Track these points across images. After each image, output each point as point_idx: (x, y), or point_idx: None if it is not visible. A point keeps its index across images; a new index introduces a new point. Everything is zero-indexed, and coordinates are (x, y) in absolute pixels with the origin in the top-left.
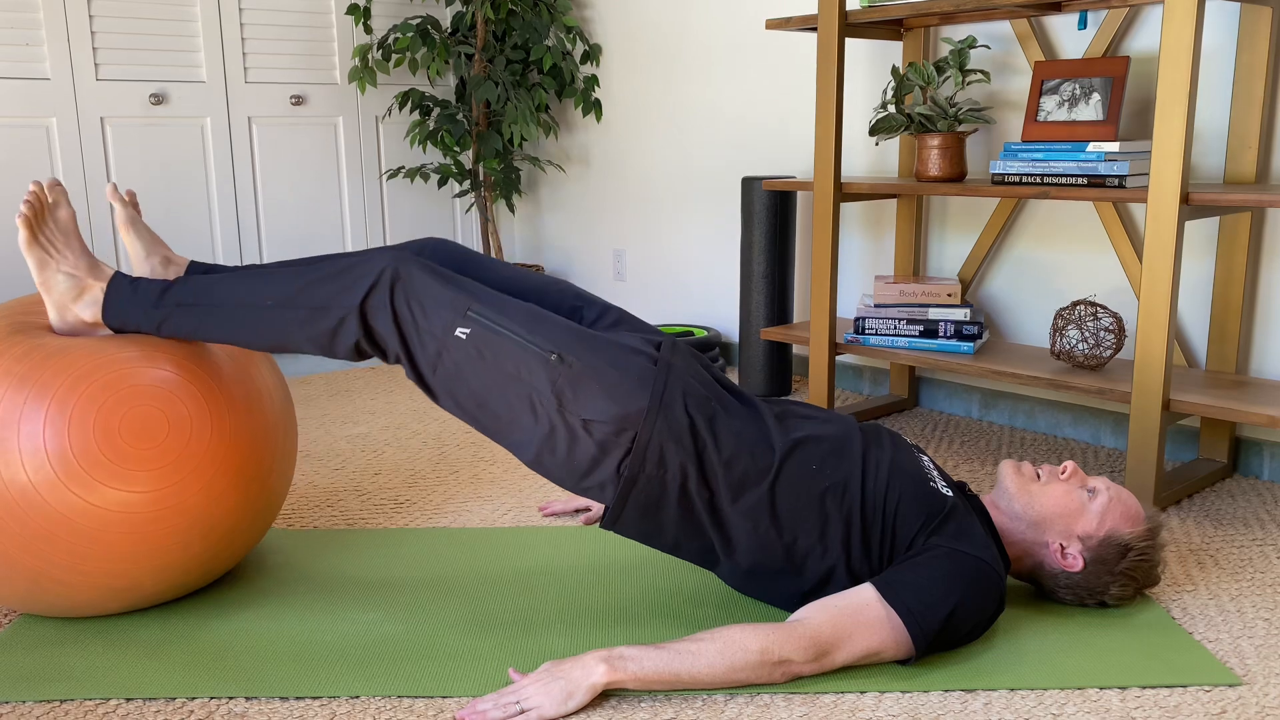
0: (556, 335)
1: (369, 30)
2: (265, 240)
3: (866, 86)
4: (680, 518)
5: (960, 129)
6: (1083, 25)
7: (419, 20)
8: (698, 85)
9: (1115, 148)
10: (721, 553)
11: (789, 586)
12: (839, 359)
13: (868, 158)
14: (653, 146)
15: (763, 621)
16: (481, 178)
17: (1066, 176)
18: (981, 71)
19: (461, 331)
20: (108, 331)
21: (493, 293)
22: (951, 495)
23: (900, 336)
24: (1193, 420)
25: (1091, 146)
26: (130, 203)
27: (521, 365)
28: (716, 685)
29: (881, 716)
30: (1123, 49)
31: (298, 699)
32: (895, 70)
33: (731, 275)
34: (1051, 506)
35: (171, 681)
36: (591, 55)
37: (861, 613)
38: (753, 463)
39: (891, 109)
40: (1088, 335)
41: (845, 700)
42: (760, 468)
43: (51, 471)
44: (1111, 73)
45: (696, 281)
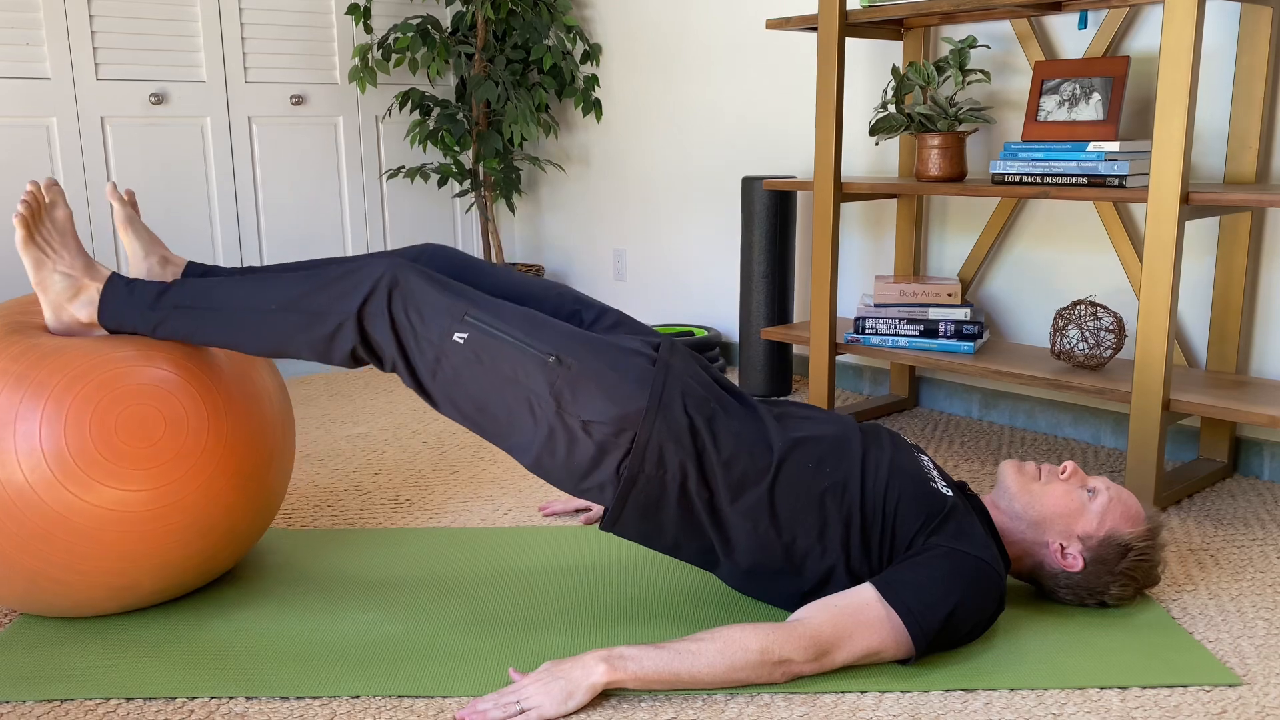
0: (554, 338)
1: (369, 30)
2: (265, 240)
3: (866, 86)
4: (680, 518)
5: (960, 129)
6: (1083, 25)
7: (419, 20)
8: (698, 85)
9: (1115, 147)
10: (721, 553)
11: (789, 586)
12: (839, 359)
13: (868, 158)
14: (653, 146)
15: (763, 621)
16: (481, 177)
17: (1066, 176)
18: (982, 71)
19: (459, 336)
20: (103, 332)
21: (489, 298)
22: (951, 495)
23: (900, 336)
24: (1193, 420)
25: (1092, 146)
26: (129, 202)
27: (519, 368)
28: (716, 685)
29: (882, 716)
30: (1123, 49)
31: (298, 699)
32: (895, 70)
33: (732, 275)
34: (1052, 506)
35: (172, 681)
36: (591, 55)
37: (861, 612)
38: (752, 463)
39: (891, 109)
40: (1088, 335)
41: (845, 700)
42: (759, 468)
43: (48, 471)
44: (1112, 72)
45: (697, 281)
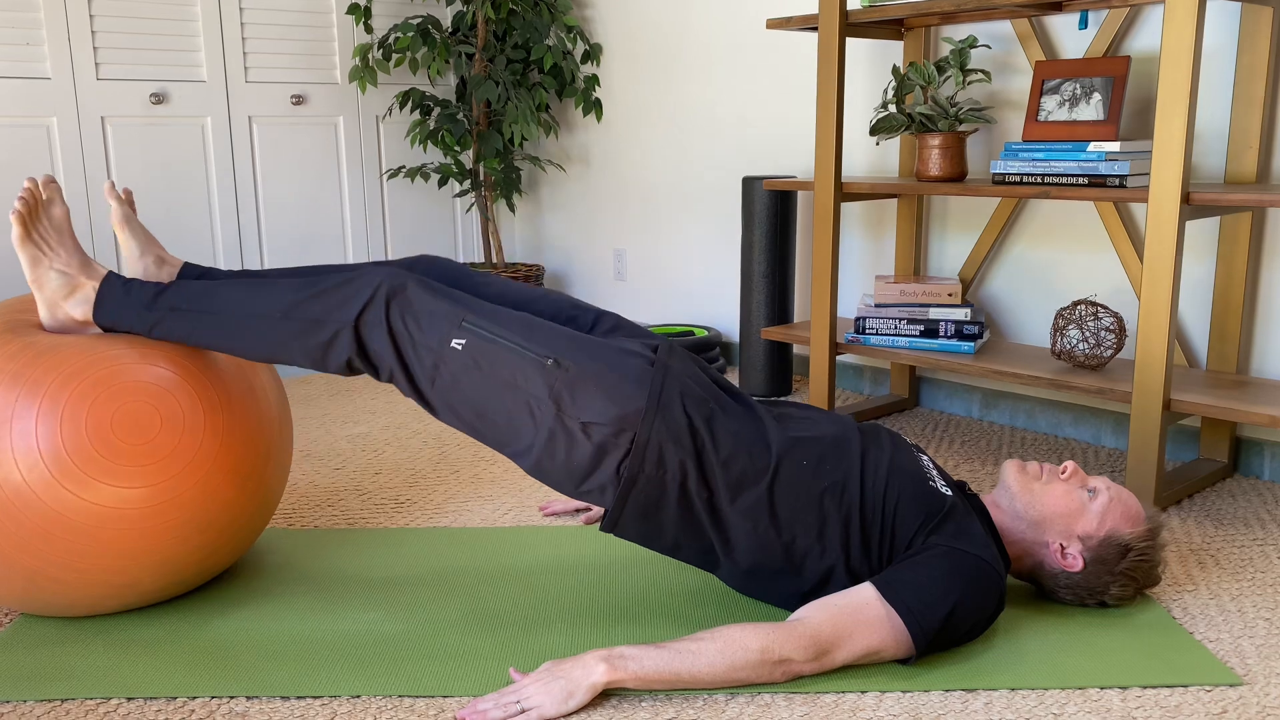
0: (552, 341)
1: (369, 30)
2: (265, 240)
3: (867, 86)
4: (679, 518)
5: (961, 129)
6: (1083, 25)
7: (419, 20)
8: (698, 85)
9: (1116, 147)
10: (721, 553)
11: (788, 586)
12: (839, 359)
13: (868, 157)
14: (653, 146)
15: (763, 621)
16: (482, 177)
17: (1067, 176)
18: (982, 71)
19: (457, 343)
20: (98, 330)
21: (486, 304)
22: (951, 494)
23: (901, 336)
24: (1193, 420)
25: (1092, 146)
26: (126, 201)
27: (518, 373)
28: (717, 684)
29: (882, 716)
30: (1123, 49)
31: (299, 698)
32: (896, 70)
33: (732, 275)
34: (1052, 506)
35: (172, 681)
36: (592, 55)
37: (861, 612)
38: (750, 462)
39: (892, 109)
40: (1088, 335)
41: (846, 700)
42: (758, 468)
43: (45, 469)
44: (1112, 72)
45: (697, 281)
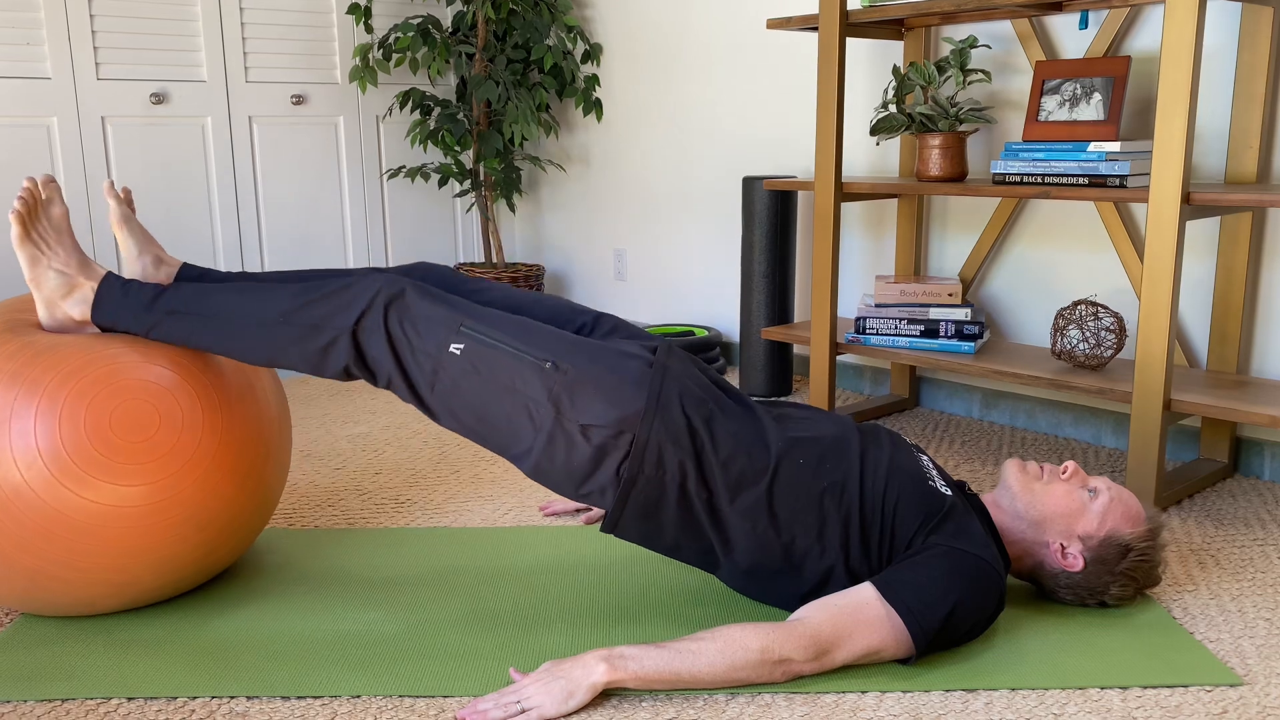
0: (549, 344)
1: (370, 30)
2: (265, 240)
3: (867, 86)
4: (679, 519)
5: (961, 129)
6: (1084, 25)
7: (420, 20)
8: (699, 85)
9: (1116, 147)
10: (721, 554)
11: (788, 587)
12: (840, 359)
13: (868, 157)
14: (653, 146)
15: (764, 621)
16: (482, 177)
17: (1067, 176)
18: (982, 71)
19: (455, 348)
20: (96, 330)
21: (484, 309)
22: (950, 494)
23: (901, 336)
24: (1194, 420)
25: (1092, 146)
26: (125, 200)
27: (516, 376)
28: (717, 684)
29: (883, 716)
30: (1124, 49)
31: (299, 698)
32: (896, 70)
33: (732, 275)
34: (1053, 506)
35: (173, 681)
36: (592, 55)
37: (861, 611)
38: (750, 463)
39: (892, 109)
40: (1089, 335)
41: (846, 700)
42: (757, 468)
43: (45, 468)
44: (1112, 72)
45: (697, 281)
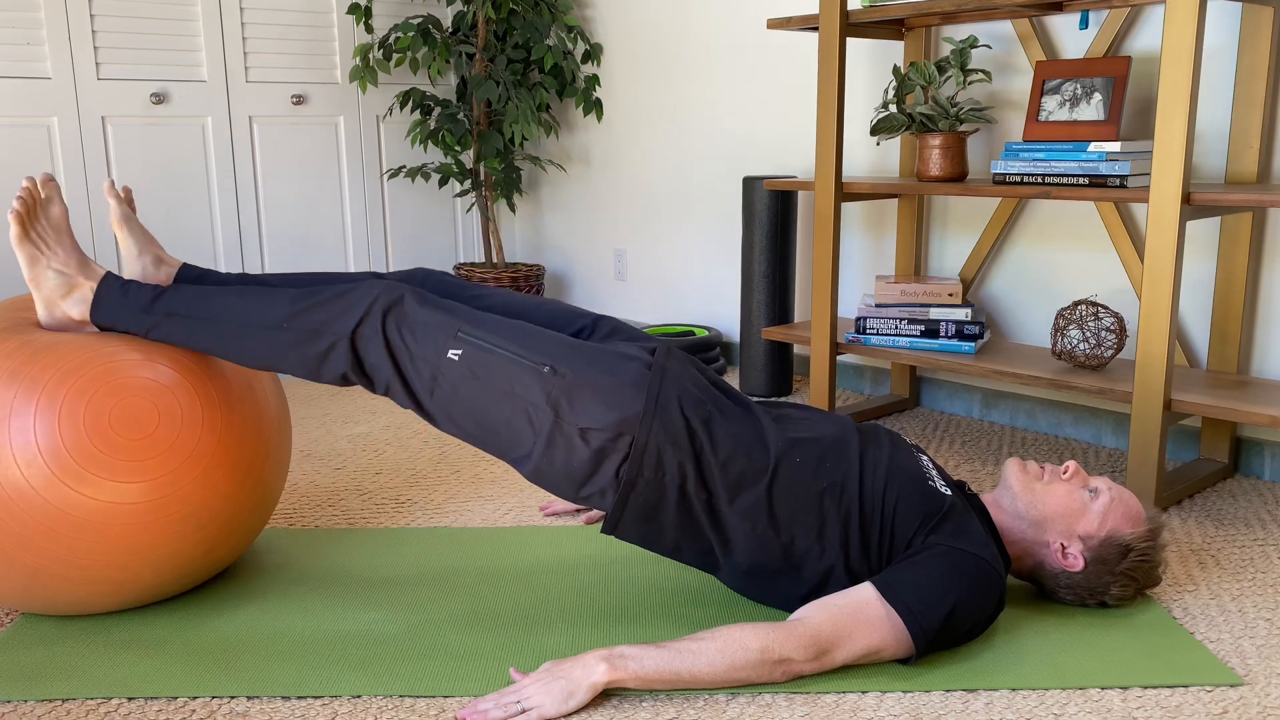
0: (548, 348)
1: (370, 29)
2: (265, 240)
3: (867, 86)
4: (679, 520)
5: (961, 129)
6: (1084, 25)
7: (420, 19)
8: (699, 85)
9: (1116, 148)
10: (720, 554)
11: (788, 587)
12: (840, 359)
13: (869, 157)
14: (654, 146)
15: (764, 621)
16: (482, 177)
17: (1068, 176)
18: (983, 71)
19: (454, 353)
20: (95, 330)
21: (482, 314)
22: (950, 494)
23: (901, 336)
24: (1194, 420)
25: (1093, 146)
26: (125, 200)
27: (515, 381)
28: (717, 684)
29: (883, 716)
30: (1124, 49)
31: (299, 698)
32: (896, 70)
33: (732, 275)
34: (1053, 506)
35: (173, 681)
36: (592, 55)
37: (861, 611)
38: (749, 463)
39: (893, 109)
40: (1089, 335)
41: (846, 700)
42: (756, 469)
43: (44, 466)
44: (1113, 72)
45: (697, 281)
